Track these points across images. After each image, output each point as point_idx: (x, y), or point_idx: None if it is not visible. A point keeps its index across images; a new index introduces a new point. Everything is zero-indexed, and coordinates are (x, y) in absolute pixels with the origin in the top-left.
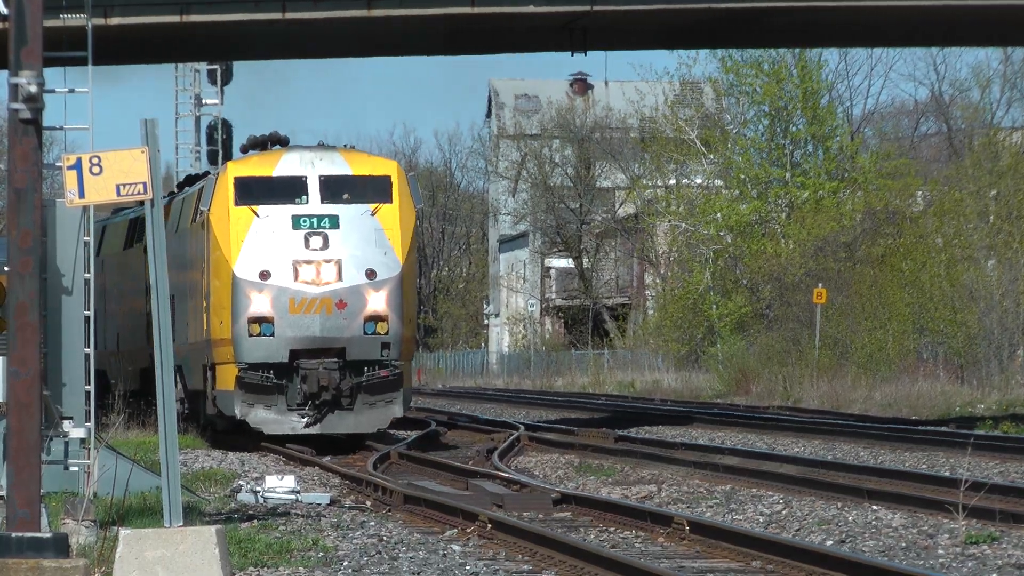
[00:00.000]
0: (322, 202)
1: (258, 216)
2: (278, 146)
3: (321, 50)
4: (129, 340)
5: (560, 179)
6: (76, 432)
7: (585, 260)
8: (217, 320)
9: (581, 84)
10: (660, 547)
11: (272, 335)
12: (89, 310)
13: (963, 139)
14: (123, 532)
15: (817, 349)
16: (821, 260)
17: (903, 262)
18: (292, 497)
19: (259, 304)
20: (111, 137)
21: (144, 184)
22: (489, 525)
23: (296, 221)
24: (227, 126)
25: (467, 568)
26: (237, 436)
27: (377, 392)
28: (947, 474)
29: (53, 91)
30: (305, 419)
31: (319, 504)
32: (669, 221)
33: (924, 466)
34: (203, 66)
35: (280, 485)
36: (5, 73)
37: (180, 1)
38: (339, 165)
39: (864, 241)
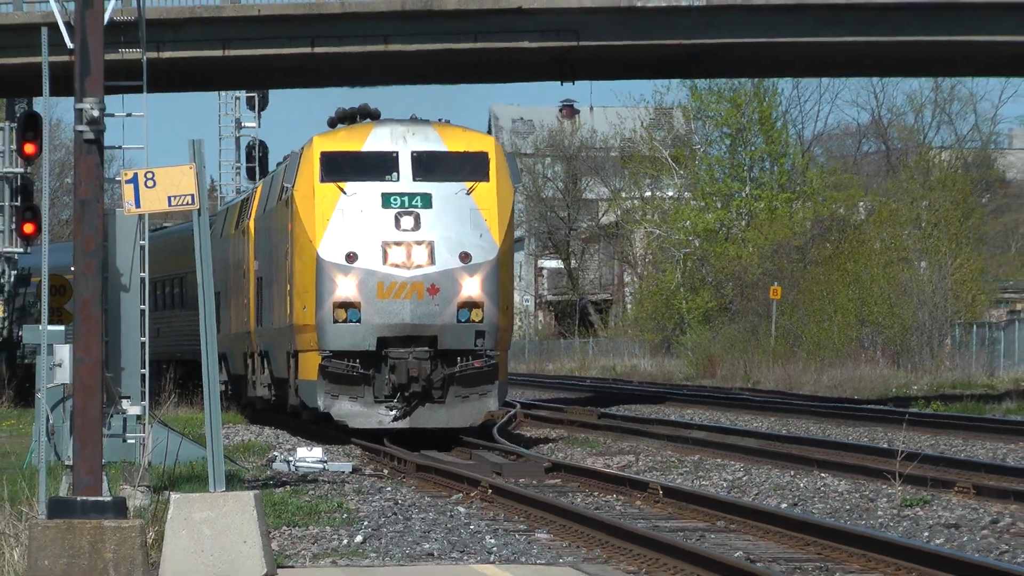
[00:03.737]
0: (414, 179)
1: (345, 194)
2: (368, 119)
3: (344, 80)
4: (236, 324)
5: (551, 191)
6: (133, 409)
7: (573, 261)
8: (300, 305)
9: (569, 109)
10: (637, 509)
11: (359, 321)
12: (144, 304)
13: (899, 157)
14: (174, 496)
15: (773, 338)
16: (776, 261)
17: (847, 263)
18: (320, 466)
19: (345, 288)
20: (164, 154)
21: (192, 196)
22: (490, 490)
23: (386, 199)
24: (263, 146)
25: (471, 527)
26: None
27: (470, 384)
28: (885, 446)
29: (113, 115)
30: (393, 412)
31: (343, 472)
32: (645, 228)
33: (865, 439)
34: (242, 94)
35: (309, 455)
36: (72, 100)
37: (222, 38)
38: (433, 140)
39: (813, 245)
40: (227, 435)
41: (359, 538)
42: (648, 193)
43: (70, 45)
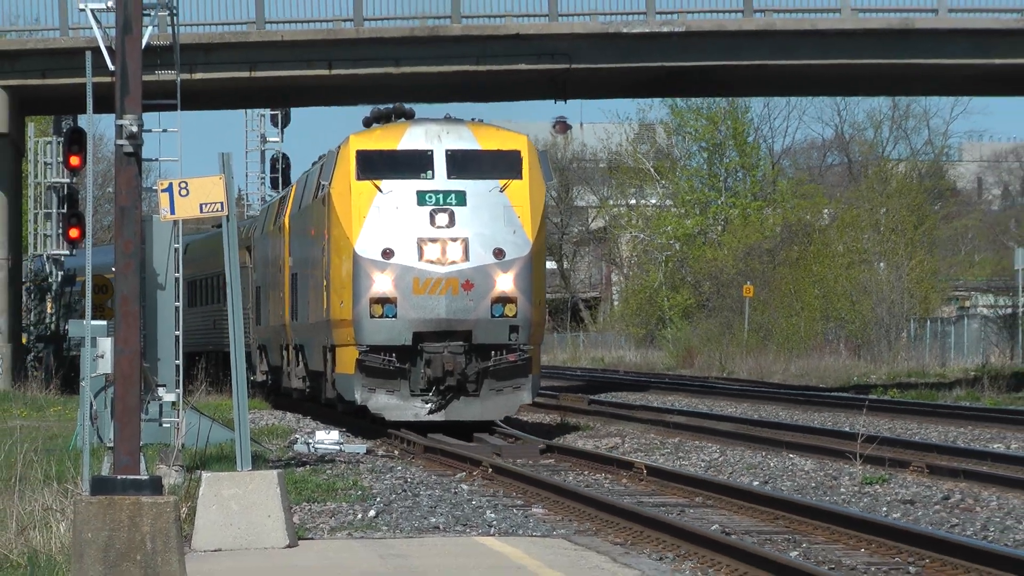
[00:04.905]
0: (448, 177)
1: (381, 191)
2: (402, 119)
3: (359, 99)
4: (274, 317)
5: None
6: (168, 396)
7: (565, 262)
8: (337, 300)
9: (562, 125)
10: (623, 486)
11: (395, 317)
12: (179, 302)
13: (860, 168)
14: (205, 475)
15: (746, 332)
16: (749, 263)
17: (813, 264)
18: (336, 448)
19: (381, 284)
20: (196, 166)
21: (221, 203)
22: (490, 469)
23: (421, 197)
24: (286, 158)
25: (473, 503)
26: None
27: (504, 378)
28: (847, 430)
29: (150, 131)
30: (429, 405)
31: (358, 453)
32: (630, 233)
33: (829, 424)
34: (267, 111)
35: (327, 438)
36: (113, 117)
37: (249, 61)
38: (467, 139)
39: (782, 248)
40: (253, 420)
41: (372, 513)
42: (633, 201)
43: (111, 67)
